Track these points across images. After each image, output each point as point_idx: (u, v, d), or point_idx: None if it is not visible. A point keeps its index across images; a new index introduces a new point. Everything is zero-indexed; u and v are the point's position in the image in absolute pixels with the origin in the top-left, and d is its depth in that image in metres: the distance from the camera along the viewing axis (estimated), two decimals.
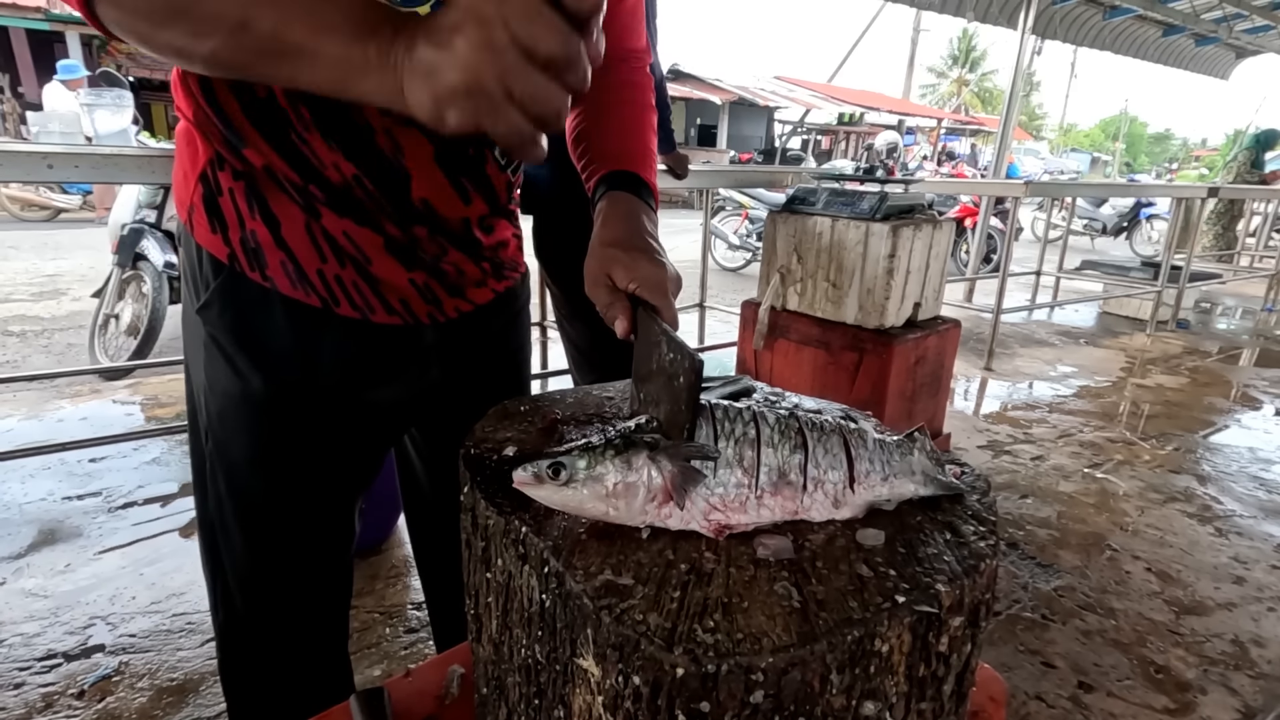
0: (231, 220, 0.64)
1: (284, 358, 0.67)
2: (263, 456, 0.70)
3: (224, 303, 0.66)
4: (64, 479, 2.30)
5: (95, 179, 1.53)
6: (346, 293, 0.67)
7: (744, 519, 0.46)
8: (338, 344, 0.68)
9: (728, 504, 0.46)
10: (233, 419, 0.70)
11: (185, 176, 0.66)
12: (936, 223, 2.25)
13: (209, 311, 0.66)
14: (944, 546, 0.46)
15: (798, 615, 0.38)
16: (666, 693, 0.36)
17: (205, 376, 0.70)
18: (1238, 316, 6.20)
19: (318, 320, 0.67)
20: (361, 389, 0.71)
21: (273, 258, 0.64)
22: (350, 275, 0.66)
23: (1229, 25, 7.23)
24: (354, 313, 0.67)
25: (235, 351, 0.67)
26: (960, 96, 35.15)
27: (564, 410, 0.67)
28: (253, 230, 0.64)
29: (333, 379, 0.69)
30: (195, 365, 0.71)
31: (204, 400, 0.71)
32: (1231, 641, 1.75)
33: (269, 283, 0.65)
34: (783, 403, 0.70)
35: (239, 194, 0.63)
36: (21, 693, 1.41)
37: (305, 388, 0.69)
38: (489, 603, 0.52)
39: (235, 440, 0.70)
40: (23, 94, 10.70)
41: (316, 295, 0.66)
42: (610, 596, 0.40)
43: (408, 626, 1.66)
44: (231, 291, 0.65)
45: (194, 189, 0.65)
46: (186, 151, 0.66)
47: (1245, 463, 2.90)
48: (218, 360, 0.68)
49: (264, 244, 0.64)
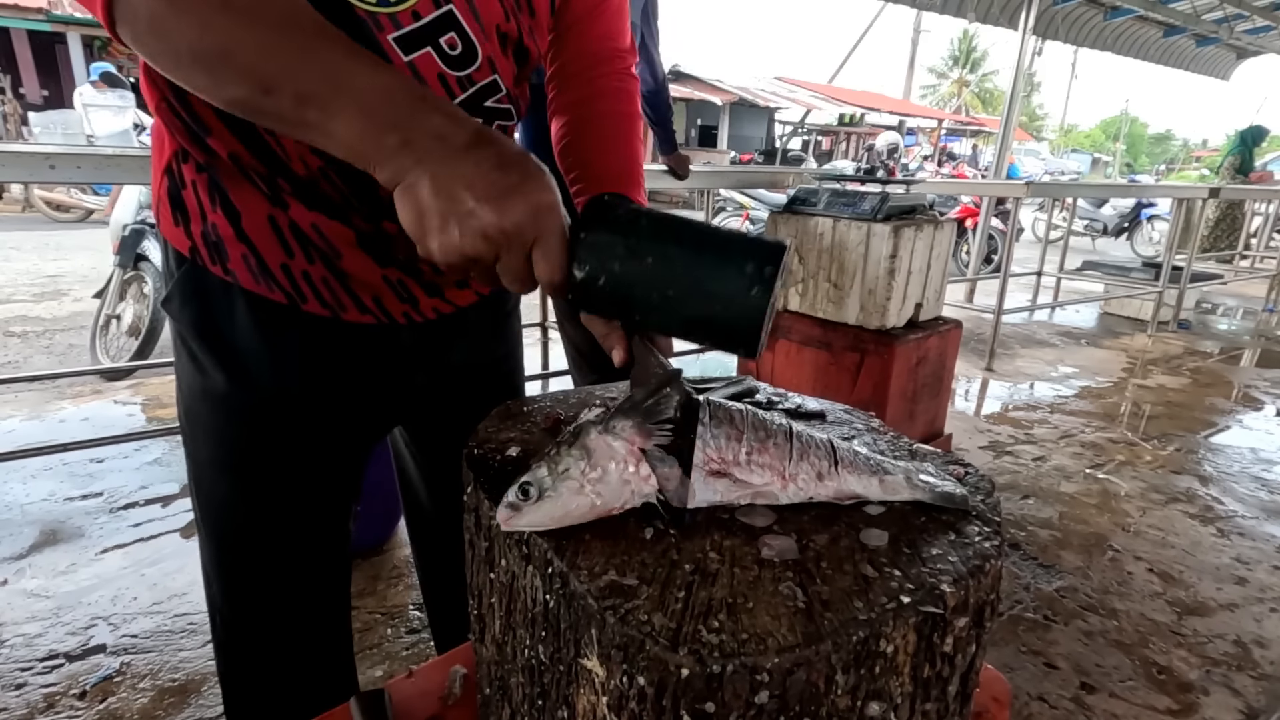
0: (194, 212, 0.62)
1: (247, 355, 0.65)
2: (228, 459, 0.69)
3: (184, 296, 0.64)
4: (66, 479, 2.30)
5: (97, 179, 1.53)
6: (315, 289, 0.64)
7: (739, 474, 0.46)
8: (305, 342, 0.66)
9: (721, 455, 0.47)
10: (198, 418, 0.68)
11: (154, 171, 0.65)
12: (938, 223, 2.25)
13: (171, 305, 0.65)
14: (948, 547, 0.45)
15: (803, 615, 0.38)
16: (671, 693, 0.36)
17: (176, 374, 0.69)
18: (1239, 317, 6.19)
19: (283, 317, 0.65)
20: (333, 390, 0.69)
21: (234, 251, 0.62)
22: (319, 271, 0.64)
23: (1230, 26, 7.24)
24: (323, 310, 0.65)
25: (198, 347, 0.65)
26: (961, 97, 35.16)
27: (567, 410, 0.67)
28: (214, 223, 0.62)
29: (300, 378, 0.67)
30: (175, 364, 0.71)
31: (178, 399, 0.71)
32: (1234, 642, 1.75)
33: (230, 276, 0.63)
34: (785, 402, 0.70)
35: (201, 186, 0.62)
36: (23, 693, 1.41)
37: (271, 387, 0.67)
38: (492, 603, 0.52)
39: (201, 440, 0.69)
40: (24, 95, 10.71)
41: (281, 290, 0.64)
42: (615, 597, 0.40)
43: (409, 627, 1.66)
44: (193, 285, 0.64)
45: (160, 183, 0.64)
46: (156, 145, 0.65)
47: (1247, 463, 2.90)
48: (183, 356, 0.67)
49: (225, 237, 0.62)
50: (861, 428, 0.65)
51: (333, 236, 0.63)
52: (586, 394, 0.73)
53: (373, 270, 0.66)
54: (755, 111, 18.68)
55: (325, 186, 0.61)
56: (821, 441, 0.51)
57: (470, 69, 0.62)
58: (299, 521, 0.73)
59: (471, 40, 0.61)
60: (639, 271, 0.48)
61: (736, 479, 0.47)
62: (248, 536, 0.71)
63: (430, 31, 0.58)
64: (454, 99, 0.62)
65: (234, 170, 0.60)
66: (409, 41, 0.58)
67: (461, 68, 0.61)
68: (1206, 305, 6.51)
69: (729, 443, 0.47)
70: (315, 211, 0.62)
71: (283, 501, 0.71)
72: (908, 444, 0.61)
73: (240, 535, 0.71)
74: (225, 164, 0.60)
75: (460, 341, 0.77)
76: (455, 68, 0.61)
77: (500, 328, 0.83)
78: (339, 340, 0.67)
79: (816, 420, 0.66)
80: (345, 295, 0.66)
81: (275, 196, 0.61)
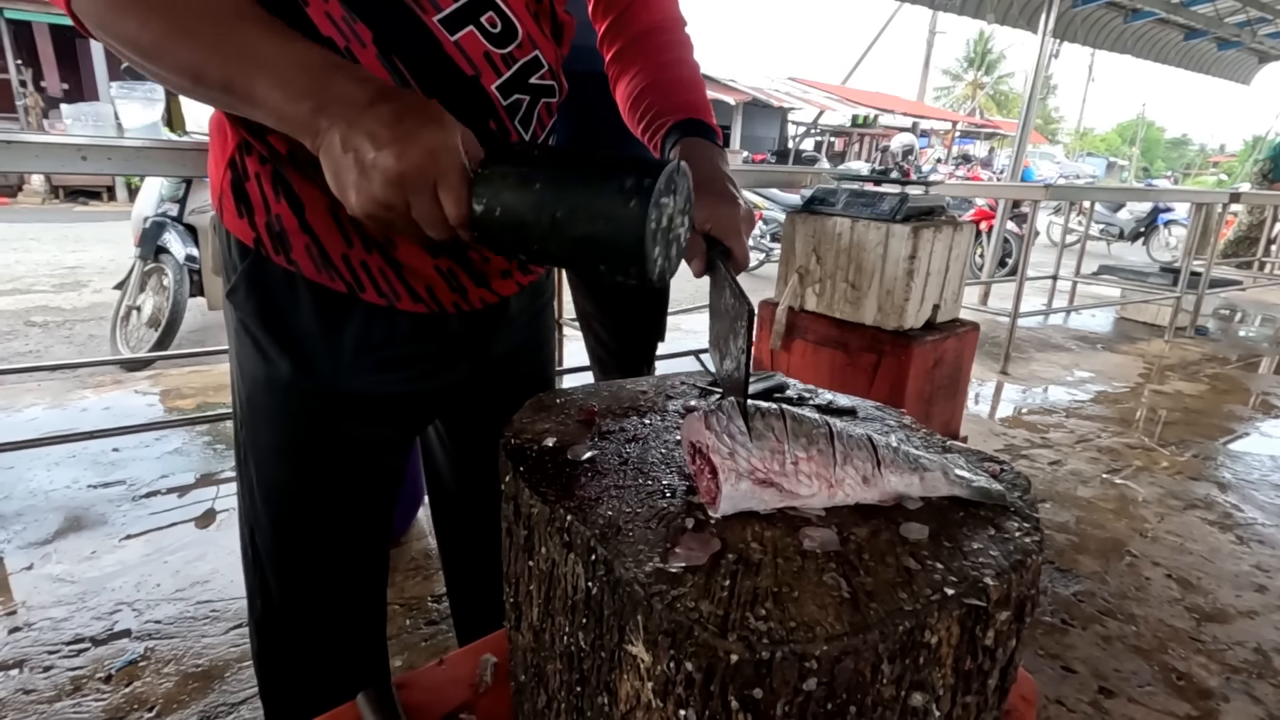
0: (257, 204, 0.64)
1: (311, 343, 0.67)
2: (290, 445, 0.71)
3: (250, 287, 0.66)
4: (88, 467, 2.33)
5: (127, 171, 1.55)
6: (372, 278, 0.66)
7: (783, 482, 0.47)
8: (363, 330, 0.68)
9: (767, 466, 0.47)
10: (261, 405, 0.70)
11: (216, 164, 0.67)
12: (957, 225, 2.24)
13: (236, 296, 0.67)
14: (988, 542, 0.46)
15: (848, 605, 0.39)
16: (720, 679, 0.37)
17: (238, 363, 0.71)
18: (1257, 323, 6.12)
19: (343, 306, 0.67)
20: (388, 378, 0.71)
21: (297, 241, 0.64)
22: (376, 261, 0.66)
23: (1253, 29, 7.15)
24: (379, 299, 0.67)
25: (262, 336, 0.67)
26: (975, 99, 34.91)
27: (600, 403, 0.67)
28: (278, 214, 0.64)
29: (359, 366, 0.69)
30: (232, 353, 0.72)
31: (237, 387, 0.72)
32: (1254, 650, 1.73)
33: (294, 266, 0.65)
34: (815, 399, 0.70)
35: (265, 178, 0.64)
36: (50, 675, 1.43)
37: (333, 375, 0.69)
38: (530, 590, 0.53)
39: (263, 428, 0.71)
40: (45, 88, 10.83)
41: (341, 280, 0.65)
42: (661, 583, 0.40)
43: (428, 619, 1.67)
44: (257, 276, 0.66)
45: (223, 175, 0.65)
46: (217, 139, 0.67)
47: (1266, 471, 2.86)
48: (247, 345, 0.69)
49: (289, 228, 0.64)
50: (894, 424, 0.65)
51: None
52: (618, 387, 0.73)
53: (425, 260, 0.68)
54: (768, 112, 18.63)
55: None
56: (862, 440, 0.51)
57: (512, 46, 0.65)
58: (353, 507, 0.75)
59: (510, 18, 0.64)
60: (529, 199, 0.50)
61: (785, 490, 0.47)
62: (304, 520, 0.73)
63: (471, 10, 0.61)
64: (500, 76, 0.65)
65: (295, 164, 0.62)
66: (452, 21, 0.61)
67: (504, 45, 0.64)
68: (1225, 311, 6.44)
69: (774, 453, 0.48)
70: None
71: (339, 487, 0.73)
72: (940, 441, 0.62)
73: (297, 518, 0.73)
74: (286, 159, 0.62)
75: (502, 331, 0.79)
76: (498, 45, 0.64)
77: (537, 319, 0.85)
78: (394, 328, 0.69)
79: (848, 416, 0.67)
80: (400, 284, 0.68)
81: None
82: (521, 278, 0.78)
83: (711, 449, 0.47)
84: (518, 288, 0.78)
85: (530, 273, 0.80)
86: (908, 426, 0.65)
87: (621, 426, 0.62)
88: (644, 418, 0.64)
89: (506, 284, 0.76)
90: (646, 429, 0.61)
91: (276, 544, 0.74)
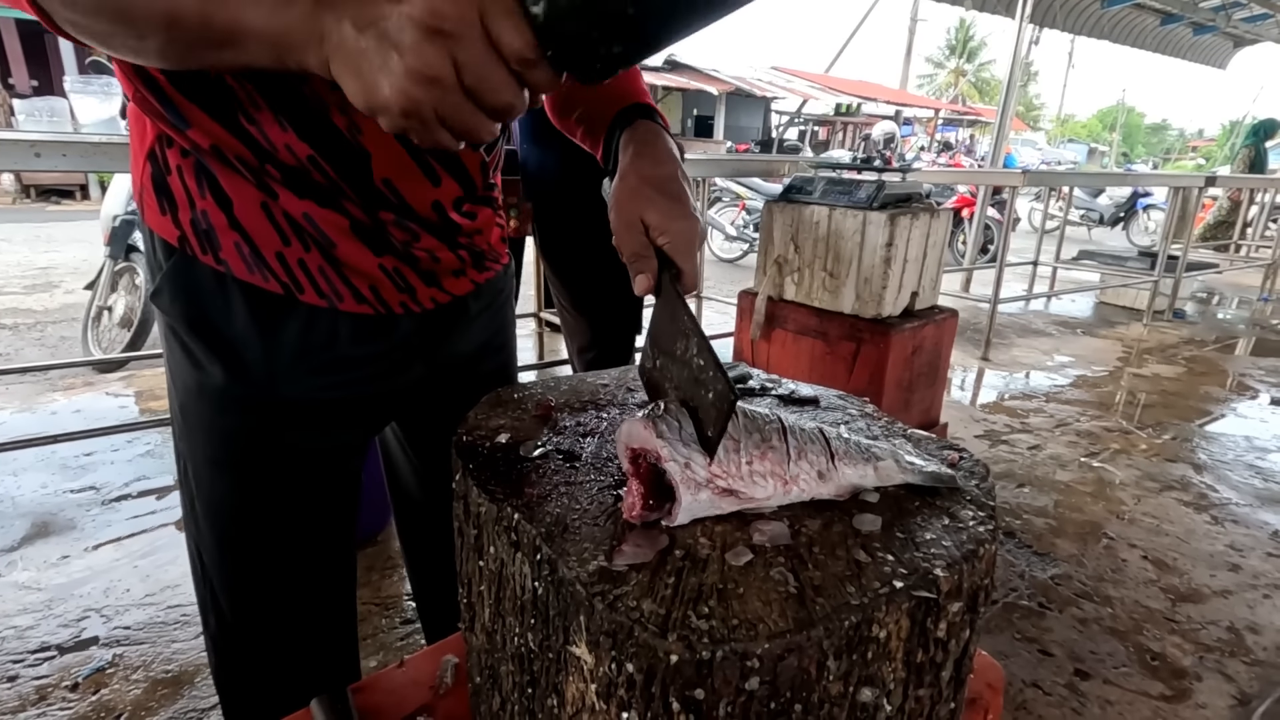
0: (181, 200, 0.60)
1: (244, 348, 0.63)
2: (227, 455, 0.67)
3: (175, 288, 0.62)
4: (57, 471, 2.29)
5: (84, 168, 1.51)
6: (311, 278, 0.62)
7: (741, 487, 0.45)
8: (302, 333, 0.64)
9: (726, 471, 0.45)
10: (194, 415, 0.66)
11: (135, 157, 0.63)
12: (934, 212, 2.23)
13: (161, 299, 0.63)
14: (942, 531, 0.45)
15: (794, 601, 0.38)
16: (661, 680, 0.36)
17: (169, 370, 0.67)
18: (1234, 306, 6.21)
19: (280, 307, 0.62)
20: (332, 383, 0.67)
21: (226, 239, 0.60)
22: (315, 259, 0.61)
23: (1227, 14, 7.21)
24: (320, 300, 0.63)
25: (191, 341, 0.63)
26: (957, 87, 35.05)
27: (559, 397, 0.66)
28: (204, 210, 0.59)
29: (299, 372, 0.65)
30: (165, 359, 0.68)
31: (171, 396, 0.68)
32: (1227, 628, 1.76)
33: (223, 266, 0.60)
34: (778, 389, 0.69)
35: (188, 171, 0.59)
36: (15, 685, 1.40)
37: (269, 381, 0.64)
38: (481, 591, 0.52)
39: (199, 438, 0.67)
40: (13, 85, 10.59)
41: (276, 280, 0.61)
42: (603, 583, 0.39)
43: (404, 618, 1.66)
44: (183, 276, 0.61)
45: (143, 169, 0.61)
46: (135, 130, 0.62)
47: (1241, 451, 2.90)
48: (176, 351, 0.65)
49: (216, 225, 0.59)
50: (855, 414, 0.64)
51: (325, 225, 0.61)
52: (579, 380, 0.72)
53: (368, 259, 0.63)
54: (751, 101, 18.60)
55: (315, 175, 0.59)
56: (814, 434, 0.50)
57: None
58: (301, 517, 0.71)
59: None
60: None
61: (741, 495, 0.46)
62: (249, 534, 0.69)
63: None
64: None
65: (220, 159, 0.58)
66: None
67: None
68: (1202, 294, 6.52)
69: (729, 454, 0.46)
70: (306, 200, 0.60)
71: (284, 497, 0.69)
72: (902, 429, 0.61)
73: (241, 532, 0.69)
74: (209, 154, 0.58)
75: (458, 332, 0.75)
76: None
77: (496, 317, 0.82)
78: (336, 331, 0.65)
79: (810, 406, 0.66)
80: (342, 284, 0.64)
81: (263, 185, 0.59)
82: (477, 275, 0.75)
83: (665, 459, 0.44)
84: (472, 286, 0.74)
85: (486, 269, 0.77)
86: (869, 415, 0.64)
87: (579, 421, 0.60)
88: (602, 411, 0.63)
89: (460, 283, 0.73)
90: (604, 423, 0.60)
91: (223, 560, 0.70)
